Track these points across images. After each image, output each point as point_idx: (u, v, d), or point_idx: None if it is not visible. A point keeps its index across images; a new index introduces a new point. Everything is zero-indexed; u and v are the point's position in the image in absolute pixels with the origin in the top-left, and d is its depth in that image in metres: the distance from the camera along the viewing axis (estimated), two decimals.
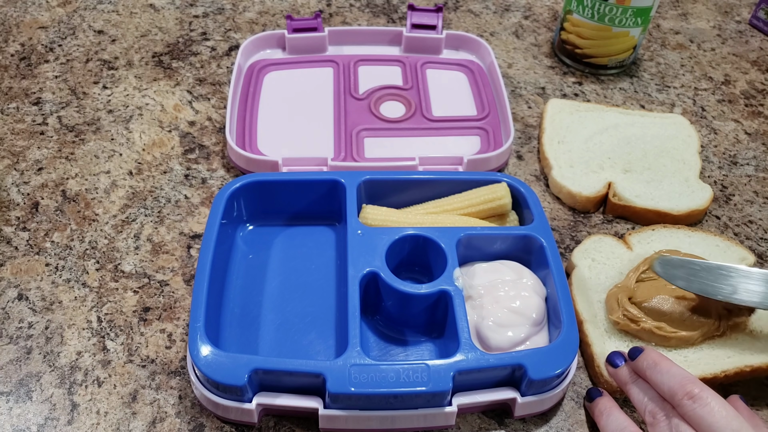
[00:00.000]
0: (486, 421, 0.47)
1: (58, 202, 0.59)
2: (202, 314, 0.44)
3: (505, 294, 0.48)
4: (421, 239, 0.50)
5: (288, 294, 0.52)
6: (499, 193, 0.53)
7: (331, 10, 0.82)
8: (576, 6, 0.70)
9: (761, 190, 0.64)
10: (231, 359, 0.42)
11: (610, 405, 0.45)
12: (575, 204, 0.60)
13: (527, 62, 0.76)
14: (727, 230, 0.60)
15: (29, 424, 0.45)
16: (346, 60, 0.72)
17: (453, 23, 0.81)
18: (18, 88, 0.69)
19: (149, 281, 0.53)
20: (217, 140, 0.65)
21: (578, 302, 0.52)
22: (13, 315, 0.51)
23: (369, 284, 0.48)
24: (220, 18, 0.80)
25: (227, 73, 0.72)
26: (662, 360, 0.43)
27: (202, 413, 0.46)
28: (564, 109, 0.68)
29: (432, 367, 0.42)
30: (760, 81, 0.76)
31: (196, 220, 0.58)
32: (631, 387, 0.44)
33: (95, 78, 0.71)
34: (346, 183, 0.53)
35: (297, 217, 0.57)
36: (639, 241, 0.56)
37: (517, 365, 0.43)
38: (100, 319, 0.51)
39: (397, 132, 0.65)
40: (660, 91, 0.74)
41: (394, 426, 0.45)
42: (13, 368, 0.48)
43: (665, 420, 0.40)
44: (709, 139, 0.69)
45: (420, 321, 0.49)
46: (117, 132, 0.65)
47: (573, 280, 0.53)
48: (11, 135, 0.64)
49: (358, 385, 0.42)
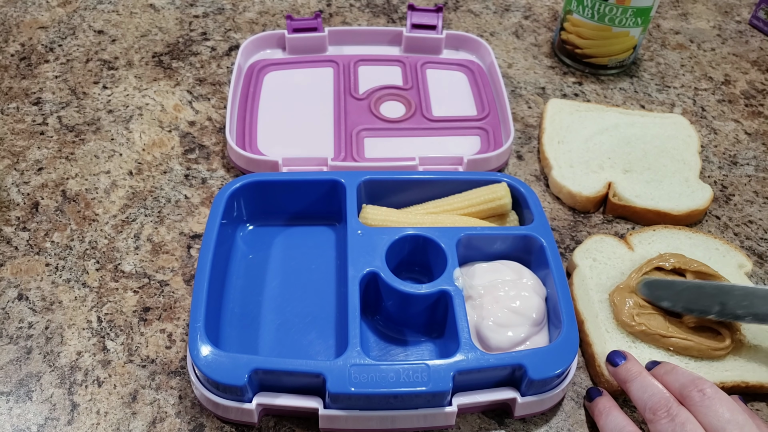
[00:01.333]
0: (486, 421, 0.47)
1: (58, 202, 0.59)
2: (202, 314, 0.44)
3: (505, 294, 0.48)
4: (421, 239, 0.50)
5: (288, 294, 0.52)
6: (499, 193, 0.53)
7: (331, 10, 0.82)
8: (576, 6, 0.70)
9: (761, 190, 0.64)
10: (231, 359, 0.42)
11: (610, 405, 0.45)
12: (575, 204, 0.60)
13: (527, 62, 0.76)
14: (727, 230, 0.60)
15: (29, 424, 0.45)
16: (346, 60, 0.72)
17: (453, 23, 0.81)
18: (18, 88, 0.69)
19: (149, 281, 0.53)
20: (217, 140, 0.65)
21: (579, 302, 0.52)
22: (13, 315, 0.51)
23: (369, 284, 0.48)
24: (220, 18, 0.80)
25: (227, 73, 0.72)
26: (677, 367, 0.44)
27: (202, 413, 0.46)
28: (564, 109, 0.68)
29: (432, 367, 0.42)
30: (760, 81, 0.76)
31: (196, 220, 0.58)
32: (631, 384, 0.44)
33: (95, 78, 0.71)
34: (346, 183, 0.53)
35: (297, 217, 0.57)
36: (640, 241, 0.56)
37: (517, 365, 0.43)
38: (100, 319, 0.51)
39: (397, 132, 0.65)
40: (660, 91, 0.74)
41: (394, 426, 0.45)
42: (13, 368, 0.48)
43: (666, 416, 0.40)
44: (709, 139, 0.69)
45: (420, 321, 0.49)
46: (117, 132, 0.65)
47: (574, 280, 0.53)
48: (11, 135, 0.64)
49: (358, 385, 0.42)
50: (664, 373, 0.43)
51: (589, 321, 0.50)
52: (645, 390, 0.43)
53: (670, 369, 0.44)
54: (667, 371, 0.43)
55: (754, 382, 0.47)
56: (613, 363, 0.46)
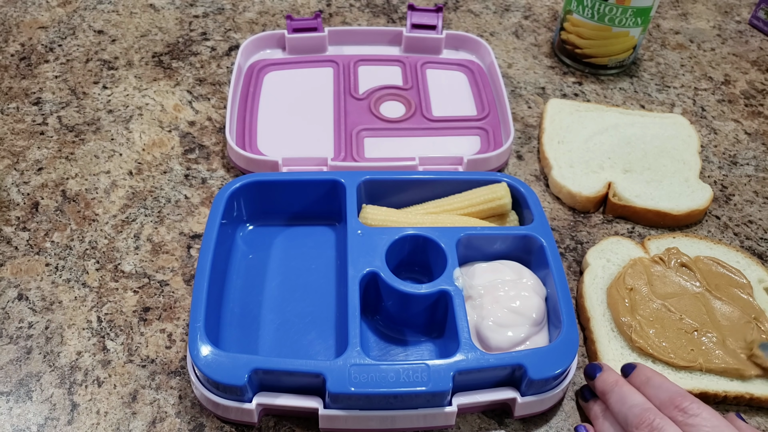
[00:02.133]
0: (486, 421, 0.47)
1: (58, 202, 0.59)
2: (202, 314, 0.44)
3: (505, 294, 0.48)
4: (421, 239, 0.50)
5: (288, 294, 0.52)
6: (499, 193, 0.53)
7: (331, 10, 0.82)
8: (576, 6, 0.70)
9: (761, 190, 0.64)
10: (231, 359, 0.42)
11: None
12: (575, 204, 0.60)
13: (527, 62, 0.76)
14: (727, 230, 0.60)
15: (29, 424, 0.45)
16: (346, 60, 0.72)
17: (453, 23, 0.81)
18: (18, 88, 0.69)
19: (149, 281, 0.53)
20: (217, 140, 0.65)
21: (587, 300, 0.52)
22: (13, 315, 0.51)
23: (369, 284, 0.48)
24: (220, 18, 0.80)
25: (227, 73, 0.72)
26: (654, 375, 0.43)
27: (202, 413, 0.46)
28: (564, 109, 0.68)
29: (432, 367, 0.42)
30: (760, 81, 0.76)
31: (196, 220, 0.58)
32: (609, 396, 0.43)
33: (95, 78, 0.71)
34: (346, 183, 0.53)
35: (297, 217, 0.57)
36: (657, 247, 0.56)
37: (517, 365, 0.43)
38: (100, 319, 0.51)
39: (397, 132, 0.65)
40: (660, 91, 0.74)
41: (394, 426, 0.45)
42: (13, 368, 0.48)
43: (648, 430, 0.39)
44: (709, 139, 0.69)
45: (420, 321, 0.49)
46: (117, 132, 0.65)
47: (585, 278, 0.53)
48: (11, 135, 0.64)
49: (358, 385, 0.42)
50: (642, 384, 0.43)
51: (595, 319, 0.50)
52: (624, 402, 0.42)
53: (645, 379, 0.43)
54: (643, 382, 0.43)
55: (759, 395, 0.47)
56: (591, 376, 0.46)
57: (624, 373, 0.45)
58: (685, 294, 0.51)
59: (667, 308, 0.50)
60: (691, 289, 0.51)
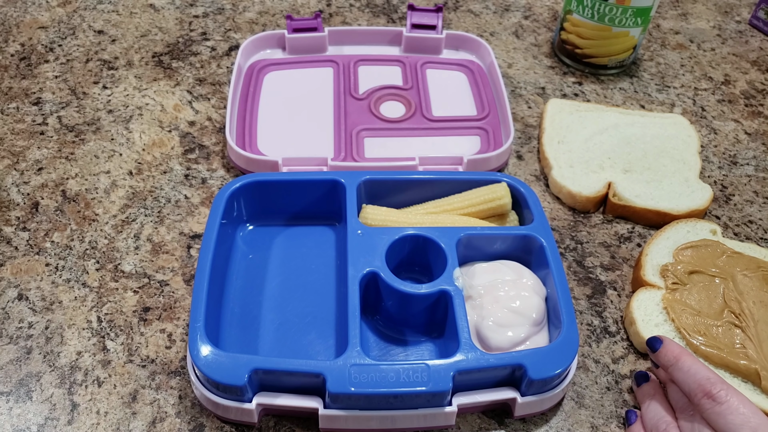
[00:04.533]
0: (486, 421, 0.47)
1: (58, 202, 0.59)
2: (202, 314, 0.44)
3: (505, 294, 0.48)
4: (421, 239, 0.50)
5: (288, 294, 0.52)
6: (499, 193, 0.53)
7: (331, 10, 0.82)
8: (576, 6, 0.70)
9: (761, 190, 0.64)
10: (231, 359, 0.42)
11: (654, 391, 0.45)
12: (575, 204, 0.60)
13: (527, 62, 0.76)
14: (727, 230, 0.60)
15: (29, 424, 0.45)
16: (346, 60, 0.72)
17: (453, 23, 0.81)
18: (18, 88, 0.69)
19: (149, 281, 0.53)
20: (217, 140, 0.65)
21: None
22: (13, 315, 0.51)
23: (369, 284, 0.48)
24: (220, 18, 0.80)
25: (227, 73, 0.72)
26: (683, 355, 0.42)
27: (202, 413, 0.46)
28: (564, 109, 0.68)
29: (432, 367, 0.42)
30: (760, 81, 0.76)
31: (196, 220, 0.58)
32: (673, 369, 0.43)
33: (95, 78, 0.71)
34: (346, 183, 0.53)
35: (297, 217, 0.57)
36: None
37: (517, 365, 0.43)
38: (100, 319, 0.51)
39: (397, 132, 0.65)
40: (660, 91, 0.74)
41: (394, 426, 0.45)
42: (13, 368, 0.48)
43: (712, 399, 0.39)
44: (709, 139, 0.69)
45: (420, 321, 0.49)
46: (117, 132, 0.65)
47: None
48: (11, 135, 0.64)
49: (358, 385, 0.42)
50: (668, 364, 0.43)
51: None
52: (689, 373, 0.41)
53: (673, 360, 0.43)
54: (670, 362, 0.43)
55: None
56: (653, 348, 0.45)
57: (651, 347, 0.45)
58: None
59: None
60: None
